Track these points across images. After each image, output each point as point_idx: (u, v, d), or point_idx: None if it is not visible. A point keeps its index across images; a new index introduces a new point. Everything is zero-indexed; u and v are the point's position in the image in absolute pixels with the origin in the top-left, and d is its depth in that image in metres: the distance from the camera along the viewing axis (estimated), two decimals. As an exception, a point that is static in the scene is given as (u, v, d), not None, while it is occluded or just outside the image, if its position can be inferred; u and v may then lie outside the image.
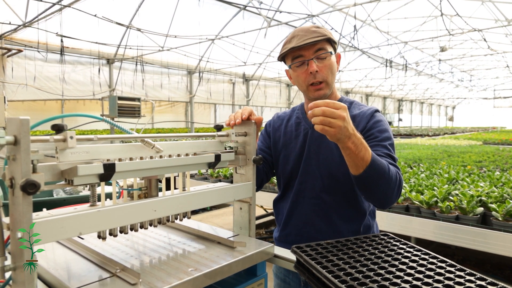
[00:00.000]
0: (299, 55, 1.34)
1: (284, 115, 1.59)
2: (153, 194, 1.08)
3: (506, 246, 2.46)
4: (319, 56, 1.32)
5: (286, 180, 1.48)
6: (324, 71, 1.33)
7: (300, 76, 1.36)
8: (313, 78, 1.33)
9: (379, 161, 1.13)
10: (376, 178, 1.12)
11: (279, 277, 1.52)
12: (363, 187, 1.17)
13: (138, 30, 9.21)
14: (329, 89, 1.37)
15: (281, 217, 1.51)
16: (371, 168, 1.09)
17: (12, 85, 8.92)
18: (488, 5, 10.18)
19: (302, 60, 1.34)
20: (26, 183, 0.70)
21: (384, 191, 1.17)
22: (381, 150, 1.26)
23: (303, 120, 1.49)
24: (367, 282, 0.85)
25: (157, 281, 0.89)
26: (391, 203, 1.23)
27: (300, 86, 1.40)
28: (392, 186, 1.17)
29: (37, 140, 0.78)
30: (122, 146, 0.97)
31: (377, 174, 1.11)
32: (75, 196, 2.32)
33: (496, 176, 3.89)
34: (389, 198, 1.20)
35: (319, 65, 1.32)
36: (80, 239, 1.16)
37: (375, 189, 1.16)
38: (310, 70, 1.32)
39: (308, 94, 1.39)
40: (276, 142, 1.52)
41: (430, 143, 10.38)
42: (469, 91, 31.44)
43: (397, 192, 1.21)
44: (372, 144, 1.25)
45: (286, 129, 1.52)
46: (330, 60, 1.34)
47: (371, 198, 1.23)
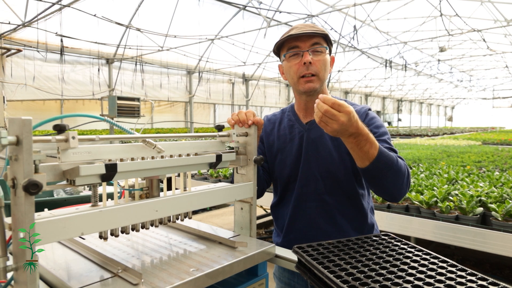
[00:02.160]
0: (295, 45, 1.34)
1: (274, 117, 1.57)
2: (155, 194, 1.08)
3: (505, 246, 2.46)
4: (315, 49, 1.32)
5: (284, 184, 1.46)
6: (317, 65, 1.32)
7: (292, 67, 1.35)
8: (305, 70, 1.32)
9: (387, 153, 1.13)
10: (385, 170, 1.12)
11: (282, 281, 1.50)
12: (370, 179, 1.18)
13: (138, 30, 9.20)
14: (320, 84, 1.36)
15: (281, 222, 1.49)
16: (378, 161, 1.10)
17: (12, 85, 8.90)
18: (487, 6, 10.19)
19: (297, 51, 1.33)
20: (29, 183, 0.70)
21: (393, 183, 1.17)
22: (383, 145, 1.26)
23: (296, 122, 1.47)
24: (368, 282, 0.85)
25: (159, 281, 0.89)
26: (402, 195, 1.23)
27: (291, 78, 1.38)
28: (401, 177, 1.17)
29: (39, 140, 0.78)
30: (124, 147, 0.97)
31: (385, 166, 1.12)
32: (76, 196, 2.31)
33: (495, 176, 3.89)
34: (400, 190, 1.20)
35: (313, 59, 1.32)
36: (82, 239, 1.16)
37: (384, 181, 1.17)
38: (303, 61, 1.31)
39: (298, 87, 1.37)
40: (271, 147, 1.50)
41: (430, 143, 10.39)
42: (468, 91, 31.49)
43: (406, 183, 1.21)
44: None
45: (279, 132, 1.50)
46: (324, 56, 1.35)
47: (380, 190, 1.23)
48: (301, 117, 1.48)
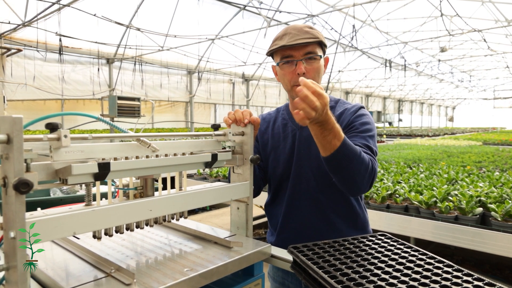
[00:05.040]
0: (288, 54, 1.32)
1: (269, 116, 1.57)
2: (149, 194, 1.07)
3: (505, 247, 2.45)
4: (309, 57, 1.31)
5: (277, 183, 1.47)
6: (311, 73, 1.31)
7: (286, 75, 1.35)
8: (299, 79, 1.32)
9: (350, 146, 1.12)
10: (345, 162, 1.12)
11: (276, 281, 1.50)
12: (331, 169, 1.17)
13: (138, 30, 9.19)
14: None
15: (275, 221, 1.49)
16: (339, 152, 1.09)
17: (12, 85, 8.90)
18: (488, 6, 10.18)
19: (290, 60, 1.32)
20: (19, 182, 0.70)
21: (353, 177, 1.16)
22: (359, 140, 1.26)
23: (289, 121, 1.48)
24: (363, 282, 0.84)
25: (152, 281, 0.88)
26: (361, 191, 1.23)
27: (285, 85, 1.38)
28: (362, 172, 1.16)
29: (31, 139, 0.77)
30: (118, 145, 0.96)
31: (345, 158, 1.11)
32: (72, 196, 2.31)
33: (495, 176, 3.88)
34: (359, 184, 1.18)
35: (307, 67, 1.30)
36: (76, 238, 1.15)
37: (344, 174, 1.16)
38: (297, 71, 1.30)
39: (292, 94, 1.37)
40: (265, 145, 1.51)
41: (430, 144, 10.37)
42: (469, 91, 31.45)
43: (368, 179, 1.19)
44: (350, 135, 1.28)
45: (273, 131, 1.50)
46: (318, 63, 1.33)
47: (340, 182, 1.21)
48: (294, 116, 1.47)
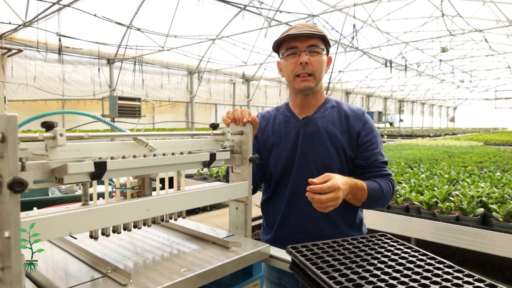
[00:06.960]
0: (293, 45, 1.38)
1: (268, 114, 1.58)
2: (146, 193, 1.06)
3: (506, 247, 2.44)
4: (312, 50, 1.37)
5: (278, 178, 1.47)
6: (314, 65, 1.37)
7: (289, 66, 1.40)
8: (301, 69, 1.37)
9: (375, 192, 1.31)
10: (373, 203, 1.34)
11: (272, 281, 1.48)
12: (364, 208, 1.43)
13: (138, 30, 9.20)
14: (315, 84, 1.40)
15: (273, 218, 1.48)
16: (368, 200, 1.30)
17: (13, 85, 8.91)
18: (490, 6, 10.15)
19: (294, 51, 1.38)
20: (13, 181, 0.69)
21: (382, 205, 1.41)
22: (379, 158, 1.41)
23: (291, 117, 1.49)
24: (362, 283, 0.83)
25: (149, 281, 0.87)
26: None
27: (288, 76, 1.43)
28: (387, 201, 1.40)
29: (26, 138, 0.76)
30: (115, 144, 0.95)
31: (374, 200, 1.32)
32: (70, 196, 2.30)
33: (496, 176, 3.87)
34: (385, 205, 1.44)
35: (310, 59, 1.36)
36: (73, 238, 1.14)
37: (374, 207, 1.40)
38: (300, 61, 1.36)
39: (294, 85, 1.42)
40: (265, 142, 1.52)
41: (431, 144, 10.35)
42: (470, 92, 31.38)
43: (390, 198, 1.42)
44: (370, 153, 1.41)
45: (274, 127, 1.51)
46: (321, 57, 1.39)
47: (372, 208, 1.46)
48: (296, 113, 1.50)
